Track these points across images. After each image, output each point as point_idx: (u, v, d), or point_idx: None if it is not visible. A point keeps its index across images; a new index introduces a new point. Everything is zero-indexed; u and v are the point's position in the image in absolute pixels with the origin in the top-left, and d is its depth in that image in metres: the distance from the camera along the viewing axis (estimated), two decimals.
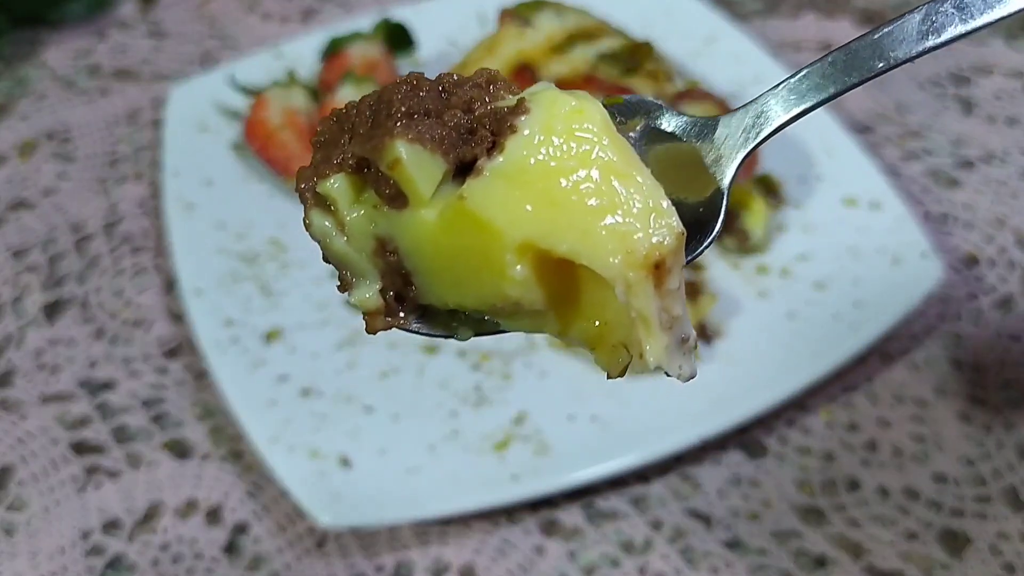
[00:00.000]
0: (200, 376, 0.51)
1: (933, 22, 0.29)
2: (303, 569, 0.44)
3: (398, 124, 0.24)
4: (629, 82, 0.49)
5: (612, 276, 0.24)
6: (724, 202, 0.29)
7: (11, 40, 0.69)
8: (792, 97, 0.31)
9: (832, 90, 0.31)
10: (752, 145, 0.30)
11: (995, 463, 0.45)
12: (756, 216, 0.50)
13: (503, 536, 0.44)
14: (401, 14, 0.62)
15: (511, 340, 0.50)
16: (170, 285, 0.55)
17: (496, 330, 0.27)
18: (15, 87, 0.67)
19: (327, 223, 0.26)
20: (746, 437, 0.47)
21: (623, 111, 0.29)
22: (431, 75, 0.26)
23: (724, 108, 0.51)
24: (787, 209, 0.53)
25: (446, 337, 0.28)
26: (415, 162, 0.24)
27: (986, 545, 0.43)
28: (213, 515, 0.46)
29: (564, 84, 0.51)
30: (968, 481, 0.45)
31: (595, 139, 0.24)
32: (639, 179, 0.24)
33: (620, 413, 0.45)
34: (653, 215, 0.24)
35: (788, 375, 0.45)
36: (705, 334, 0.48)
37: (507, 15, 0.53)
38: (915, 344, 0.50)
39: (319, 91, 0.57)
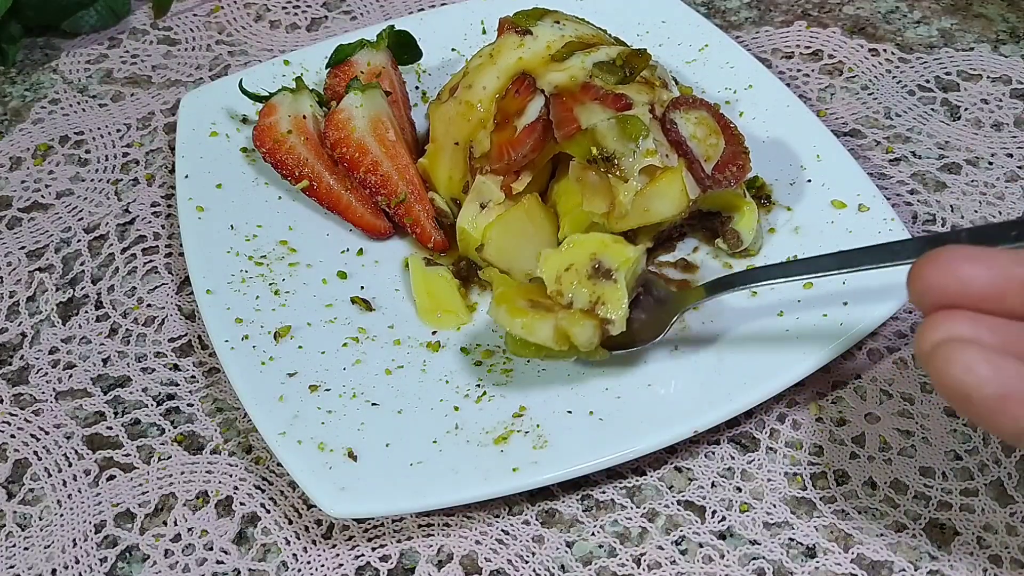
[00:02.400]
0: (211, 372, 0.53)
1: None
2: (310, 559, 0.45)
3: None
4: (625, 90, 0.50)
5: None
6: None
7: (25, 47, 0.71)
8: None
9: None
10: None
11: (982, 457, 0.47)
12: (747, 218, 0.52)
13: (503, 527, 0.46)
14: (405, 23, 0.64)
15: None
16: (182, 285, 0.57)
17: None
18: (30, 93, 0.69)
19: None
20: (738, 431, 0.48)
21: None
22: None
23: (718, 115, 0.52)
24: (777, 211, 0.55)
25: None
26: None
27: (973, 538, 0.44)
28: (223, 507, 0.47)
29: (562, 91, 0.53)
30: (955, 475, 0.46)
31: None
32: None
33: (616, 408, 0.47)
34: None
35: (778, 371, 0.47)
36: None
37: (507, 24, 0.55)
38: (902, 341, 0.52)
39: (326, 97, 0.59)
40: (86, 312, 0.56)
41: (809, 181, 0.55)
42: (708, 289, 0.46)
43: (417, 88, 0.63)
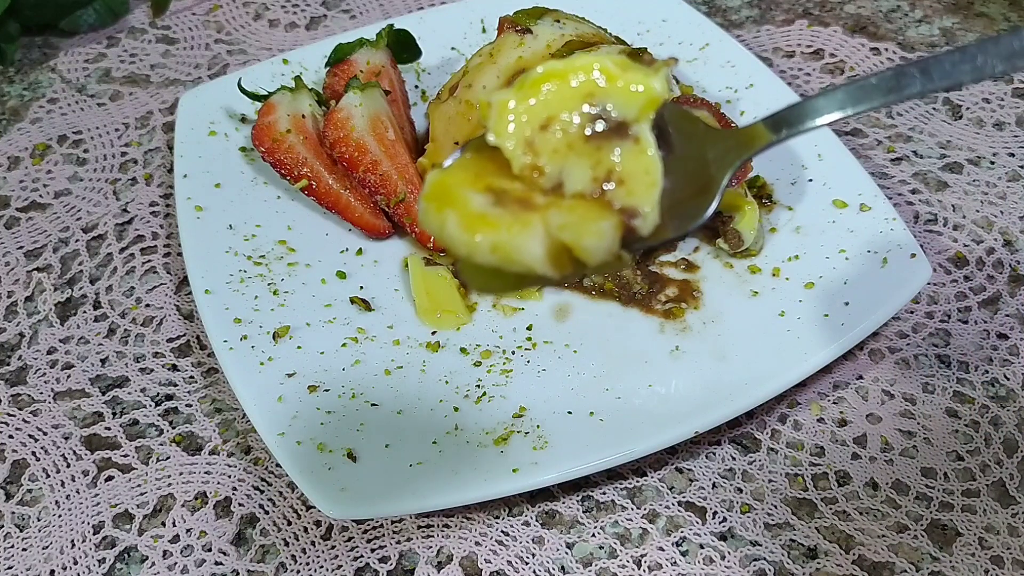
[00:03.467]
0: (209, 373, 0.52)
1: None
2: (309, 560, 0.45)
3: None
4: None
5: None
6: (721, 189, 0.28)
7: (24, 47, 0.71)
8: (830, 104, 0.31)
9: (865, 106, 0.30)
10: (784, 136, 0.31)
11: (984, 458, 0.47)
12: (748, 218, 0.51)
13: (503, 528, 0.45)
14: (405, 22, 0.63)
15: (511, 338, 0.51)
16: (180, 285, 0.56)
17: None
18: (28, 92, 0.69)
19: None
20: (739, 432, 0.48)
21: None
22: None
23: (718, 114, 0.52)
24: (779, 211, 0.54)
25: None
26: None
27: (975, 539, 0.44)
28: (222, 508, 0.47)
29: None
30: (957, 476, 0.46)
31: None
32: None
33: (616, 408, 0.46)
34: None
35: (779, 372, 0.46)
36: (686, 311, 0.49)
37: (507, 23, 0.55)
38: (904, 342, 0.51)
39: (325, 96, 0.59)
40: (84, 312, 0.55)
41: (811, 180, 0.55)
42: (771, 127, 0.28)
43: (417, 87, 0.63)
